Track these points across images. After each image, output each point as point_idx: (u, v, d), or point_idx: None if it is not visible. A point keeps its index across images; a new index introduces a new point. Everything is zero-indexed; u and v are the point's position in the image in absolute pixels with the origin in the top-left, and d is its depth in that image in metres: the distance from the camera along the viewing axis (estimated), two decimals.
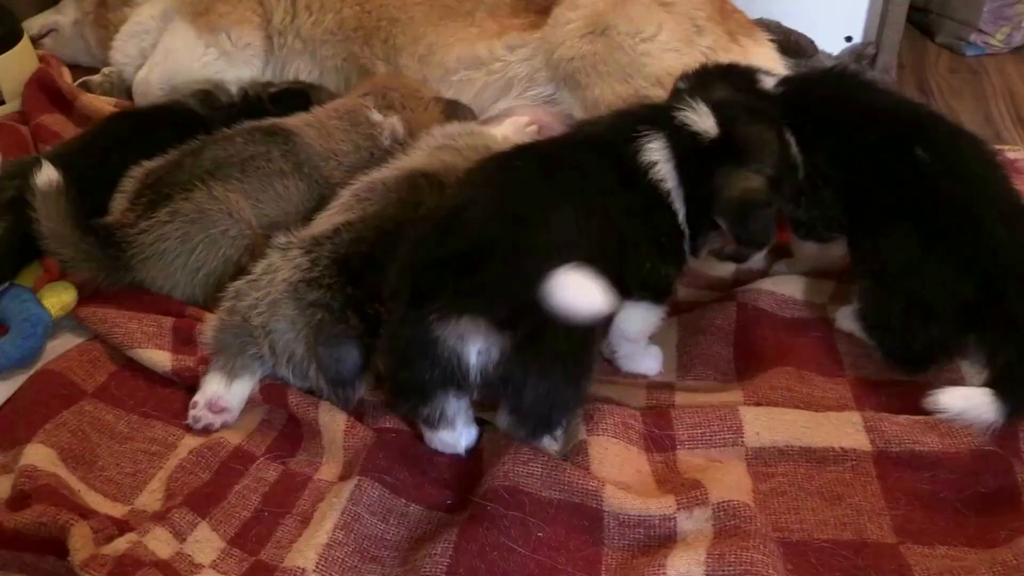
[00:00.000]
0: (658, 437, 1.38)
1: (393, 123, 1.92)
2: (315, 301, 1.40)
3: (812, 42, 2.60)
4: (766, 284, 1.69)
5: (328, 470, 1.38)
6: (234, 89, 2.08)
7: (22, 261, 1.71)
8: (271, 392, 1.48)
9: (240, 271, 1.59)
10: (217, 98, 2.04)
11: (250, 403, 1.49)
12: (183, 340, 1.58)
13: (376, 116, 1.92)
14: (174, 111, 2.01)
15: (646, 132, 1.40)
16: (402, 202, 1.54)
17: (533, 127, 2.07)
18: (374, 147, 1.89)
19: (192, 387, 1.51)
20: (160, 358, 1.55)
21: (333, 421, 1.40)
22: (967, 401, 1.32)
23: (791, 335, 1.58)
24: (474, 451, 1.39)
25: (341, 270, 1.42)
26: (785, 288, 1.67)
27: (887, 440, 1.34)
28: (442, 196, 1.51)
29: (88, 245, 1.61)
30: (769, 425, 1.37)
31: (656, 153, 1.39)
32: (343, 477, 1.35)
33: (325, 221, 1.54)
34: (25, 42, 2.55)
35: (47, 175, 1.58)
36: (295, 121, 1.87)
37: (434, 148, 1.73)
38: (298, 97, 2.06)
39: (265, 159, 1.74)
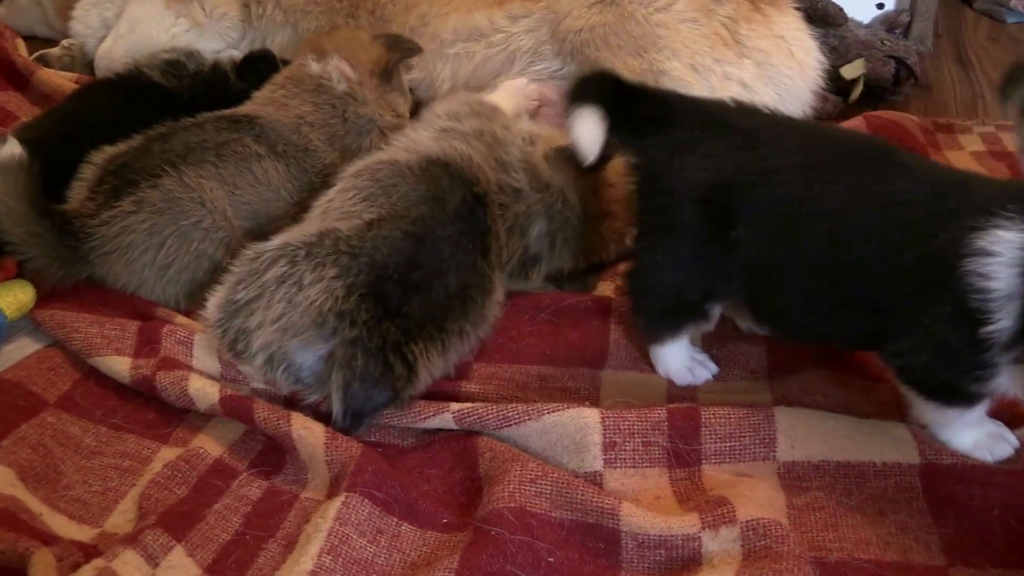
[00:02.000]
0: (683, 452, 1.36)
1: (335, 64, 1.90)
2: (353, 340, 1.36)
3: (841, 9, 2.58)
4: None
5: (315, 488, 1.35)
6: (209, 60, 2.06)
7: None
8: (232, 405, 1.43)
9: (216, 268, 1.57)
10: (184, 66, 2.02)
11: None
12: (146, 342, 1.56)
13: (314, 67, 1.90)
14: (135, 83, 2.00)
15: (1005, 214, 1.15)
16: (426, 197, 1.51)
17: (531, 87, 2.04)
18: (333, 99, 1.88)
19: (152, 398, 1.49)
20: (119, 366, 1.52)
21: (310, 434, 1.37)
22: None
23: None
24: (468, 459, 1.38)
25: (378, 300, 1.38)
26: None
27: (936, 451, 1.31)
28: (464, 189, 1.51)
29: (42, 229, 1.58)
30: (806, 436, 1.35)
31: (1000, 244, 1.15)
32: (330, 495, 1.32)
33: (345, 210, 1.50)
34: None
35: (10, 149, 1.56)
36: (249, 107, 1.86)
37: (440, 131, 1.70)
38: (261, 63, 2.05)
39: (240, 144, 1.72)
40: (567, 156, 1.65)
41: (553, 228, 1.66)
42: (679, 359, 1.51)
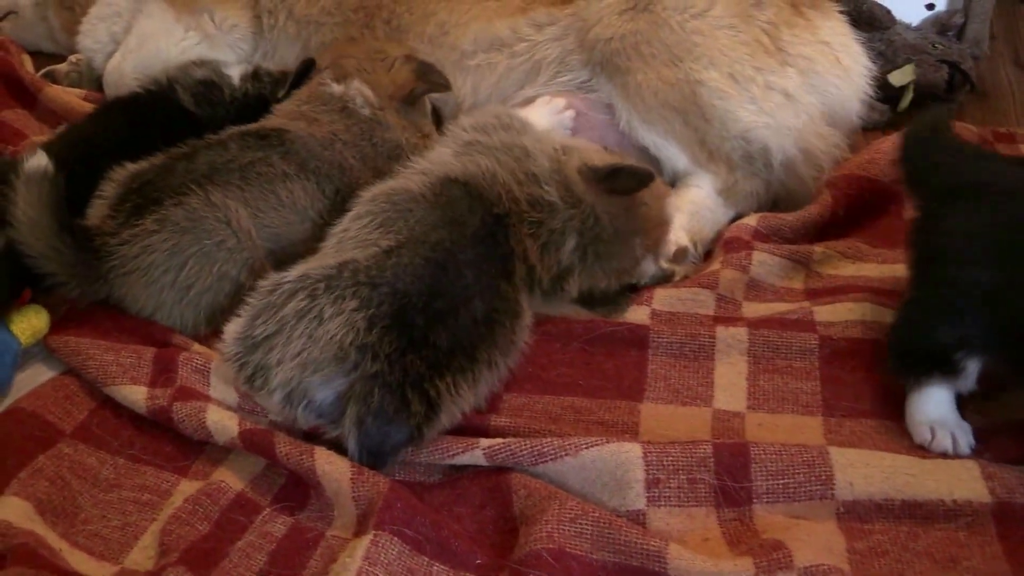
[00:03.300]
0: (731, 490, 1.38)
1: (357, 87, 1.95)
2: (373, 375, 1.40)
3: (888, 11, 2.62)
4: (849, 314, 1.69)
5: (342, 525, 1.39)
6: (236, 77, 2.10)
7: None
8: (252, 439, 1.47)
9: (238, 290, 1.61)
10: (220, 91, 2.07)
11: None
12: (163, 370, 1.61)
13: (336, 88, 1.96)
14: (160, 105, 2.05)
15: None
16: (444, 221, 1.55)
17: (569, 112, 2.08)
18: (360, 121, 1.93)
19: (169, 429, 1.53)
20: (136, 395, 1.57)
21: (335, 469, 1.41)
22: None
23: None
24: (501, 497, 1.41)
25: (401, 331, 1.42)
26: (875, 315, 1.68)
27: (1010, 490, 1.31)
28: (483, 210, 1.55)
29: (63, 244, 1.63)
30: (865, 473, 1.35)
31: None
32: (358, 533, 1.36)
33: (361, 238, 1.55)
34: None
35: (38, 160, 1.62)
36: (279, 119, 1.90)
37: (463, 144, 1.75)
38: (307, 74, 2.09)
39: (266, 164, 1.76)
40: (597, 175, 1.70)
41: (584, 243, 1.70)
42: (924, 412, 1.47)
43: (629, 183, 1.72)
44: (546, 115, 2.02)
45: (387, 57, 2.03)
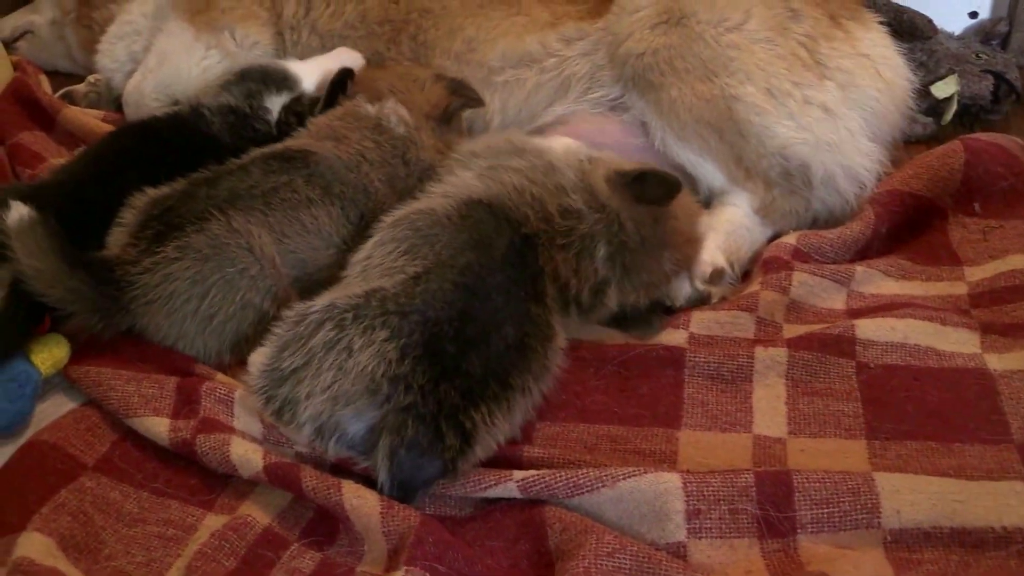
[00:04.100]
0: (774, 520, 1.37)
1: (392, 107, 1.98)
2: (406, 407, 1.41)
3: (930, 21, 2.61)
4: (892, 334, 1.69)
5: (372, 560, 1.40)
6: (275, 107, 2.12)
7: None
8: (278, 473, 1.48)
9: (262, 319, 1.63)
10: (250, 126, 2.09)
11: None
12: (185, 401, 1.62)
13: (370, 109, 1.98)
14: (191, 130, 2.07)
15: None
16: (471, 244, 1.56)
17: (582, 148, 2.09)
18: (393, 139, 1.94)
19: (192, 462, 1.54)
20: (158, 428, 1.58)
21: (364, 503, 1.41)
22: None
23: (939, 392, 1.58)
24: (535, 531, 1.40)
25: (434, 360, 1.43)
26: (919, 337, 1.68)
27: None
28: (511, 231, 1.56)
29: (80, 283, 1.64)
30: (912, 500, 1.35)
31: None
32: (389, 569, 1.36)
33: (387, 266, 1.56)
34: None
35: (17, 212, 1.61)
36: (305, 141, 1.92)
37: (485, 168, 1.76)
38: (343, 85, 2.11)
39: (290, 190, 1.78)
40: (626, 181, 1.71)
41: (611, 251, 1.70)
42: None
43: (657, 190, 1.72)
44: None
45: (416, 78, 2.06)
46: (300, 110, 2.11)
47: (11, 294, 1.66)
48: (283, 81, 2.18)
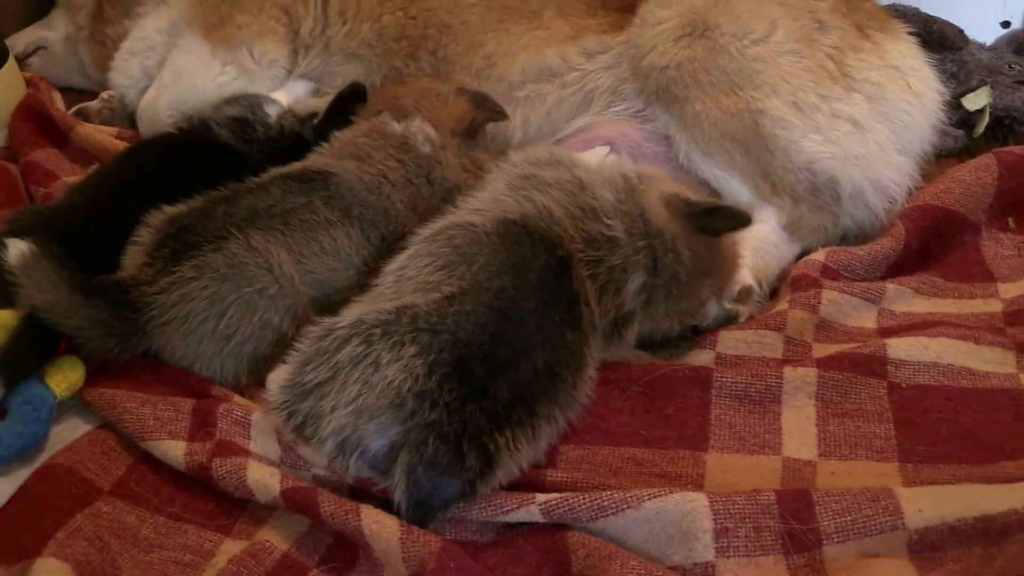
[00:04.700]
0: (799, 533, 1.38)
1: (419, 125, 1.99)
2: (430, 424, 1.41)
3: (960, 31, 2.62)
4: (924, 353, 1.69)
5: None
6: (273, 113, 2.14)
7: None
8: (295, 498, 1.49)
9: (281, 340, 1.64)
10: (253, 129, 2.11)
11: None
12: (201, 423, 1.63)
13: (396, 127, 1.99)
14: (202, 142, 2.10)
15: None
16: (507, 267, 1.57)
17: (616, 157, 2.11)
18: (418, 158, 1.95)
19: (210, 486, 1.55)
20: (174, 451, 1.59)
21: (383, 528, 1.42)
22: None
23: (973, 414, 1.58)
24: (559, 557, 1.41)
25: (462, 380, 1.44)
26: (952, 356, 1.67)
27: None
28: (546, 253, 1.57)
29: (94, 309, 1.65)
30: (934, 499, 1.36)
31: None
32: None
33: (422, 280, 1.57)
34: (11, 64, 2.66)
35: (17, 249, 1.62)
36: (325, 160, 1.93)
37: (519, 177, 1.76)
38: (353, 101, 2.13)
39: (308, 211, 1.79)
40: (692, 210, 1.70)
41: (654, 282, 1.69)
42: None
43: (725, 223, 1.72)
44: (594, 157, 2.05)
45: (439, 93, 2.07)
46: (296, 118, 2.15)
47: (26, 317, 1.67)
48: (270, 100, 2.24)
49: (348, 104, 2.12)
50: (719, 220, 1.72)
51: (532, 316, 1.53)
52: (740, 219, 1.73)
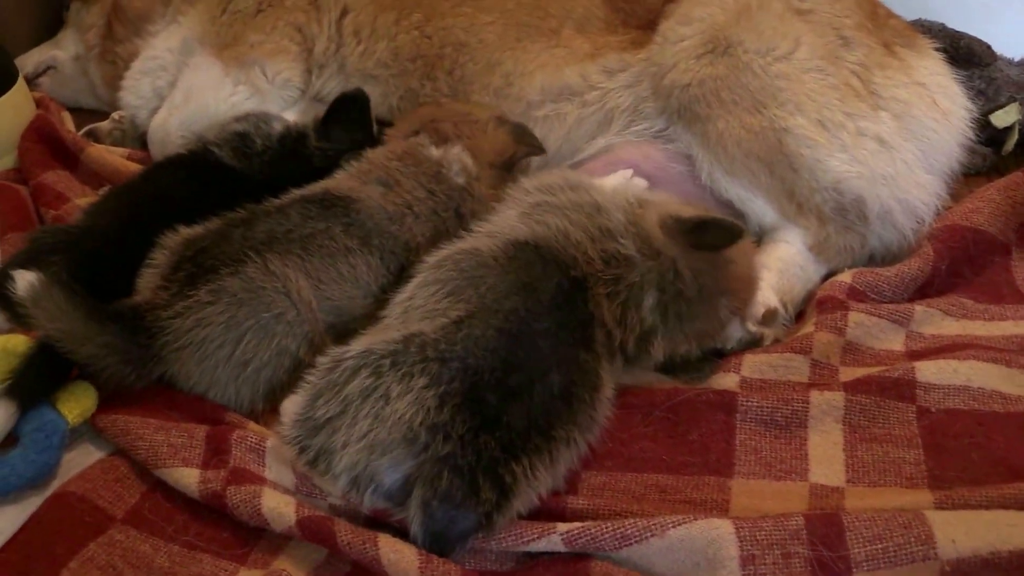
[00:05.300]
0: (828, 561, 1.38)
1: (458, 154, 1.99)
2: (444, 458, 1.42)
3: (988, 47, 2.61)
4: (954, 377, 1.69)
5: None
6: (278, 128, 2.16)
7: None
8: (311, 527, 1.49)
9: (297, 367, 1.65)
10: (253, 142, 2.12)
11: None
12: (215, 451, 1.64)
13: (435, 152, 2.00)
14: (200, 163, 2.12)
15: None
16: (517, 287, 1.58)
17: (640, 180, 2.11)
18: (450, 189, 1.96)
19: (225, 514, 1.56)
20: (187, 479, 1.60)
21: (401, 558, 1.42)
22: None
23: (1006, 439, 1.58)
24: None
25: (474, 410, 1.44)
26: (983, 380, 1.67)
27: None
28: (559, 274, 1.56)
29: (109, 336, 1.66)
30: (966, 528, 1.36)
31: None
32: None
33: (429, 308, 1.58)
34: (20, 85, 2.69)
35: (25, 280, 1.63)
36: (350, 181, 1.94)
37: (531, 205, 1.78)
38: (354, 106, 2.15)
39: (327, 237, 1.80)
40: (682, 227, 1.71)
41: (665, 300, 1.71)
42: None
43: (717, 237, 1.72)
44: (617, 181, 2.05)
45: (478, 120, 2.08)
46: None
47: (38, 343, 1.69)
48: (278, 117, 2.26)
49: (348, 108, 2.14)
50: (712, 235, 1.72)
51: (545, 337, 1.54)
52: (733, 232, 1.73)
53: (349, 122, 2.15)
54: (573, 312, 1.61)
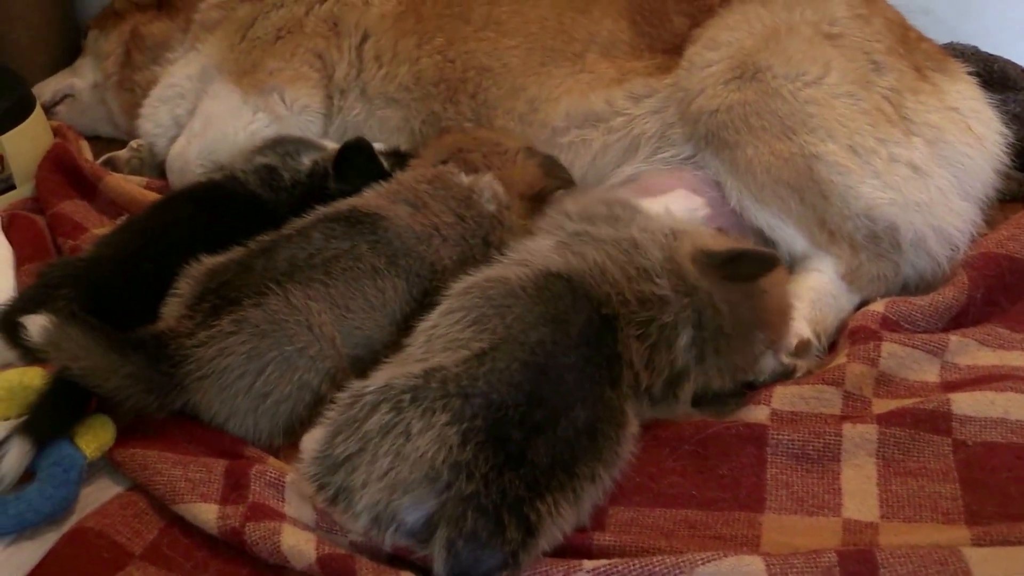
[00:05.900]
0: None
1: (489, 182, 2.01)
2: (468, 497, 1.41)
3: (1022, 70, 2.62)
4: (991, 409, 1.68)
5: None
6: (307, 160, 2.18)
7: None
8: (332, 566, 1.49)
9: (318, 402, 1.65)
10: (280, 176, 2.15)
11: None
12: (234, 486, 1.65)
13: (465, 179, 2.01)
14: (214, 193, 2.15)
15: None
16: (545, 319, 1.58)
17: (705, 211, 2.13)
18: (479, 216, 1.97)
19: (243, 552, 1.56)
20: (206, 515, 1.61)
21: None
22: None
23: None
24: None
25: (498, 447, 1.44)
26: (1021, 412, 1.67)
27: None
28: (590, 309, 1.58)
29: (132, 366, 1.67)
30: (1006, 567, 1.36)
31: None
32: None
33: (451, 338, 1.58)
34: (38, 113, 2.73)
35: (36, 325, 1.64)
36: (378, 200, 1.95)
37: (570, 235, 1.78)
38: (358, 155, 2.17)
39: (352, 258, 1.80)
40: (714, 260, 1.72)
41: (703, 337, 1.70)
42: None
43: (751, 268, 1.73)
44: (680, 211, 2.03)
45: (507, 150, 2.09)
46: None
47: (55, 376, 1.70)
48: (312, 145, 2.27)
49: (354, 158, 2.16)
50: (745, 266, 1.73)
51: (572, 372, 1.54)
52: (767, 261, 1.74)
53: (358, 168, 2.16)
54: (601, 349, 1.61)
